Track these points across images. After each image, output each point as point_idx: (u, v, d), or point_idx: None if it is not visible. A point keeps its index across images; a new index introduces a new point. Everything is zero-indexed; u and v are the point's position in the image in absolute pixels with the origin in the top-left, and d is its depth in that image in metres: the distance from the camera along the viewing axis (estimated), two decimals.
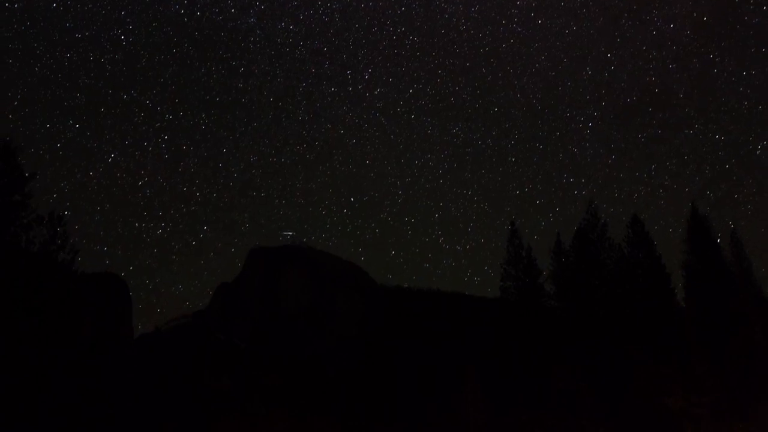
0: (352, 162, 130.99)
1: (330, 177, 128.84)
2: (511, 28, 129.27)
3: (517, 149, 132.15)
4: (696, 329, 35.37)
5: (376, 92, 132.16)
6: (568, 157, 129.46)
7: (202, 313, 54.46)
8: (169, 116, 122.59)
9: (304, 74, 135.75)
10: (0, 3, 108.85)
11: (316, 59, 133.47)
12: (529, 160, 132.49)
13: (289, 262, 52.89)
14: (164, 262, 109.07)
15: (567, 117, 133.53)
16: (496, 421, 34.67)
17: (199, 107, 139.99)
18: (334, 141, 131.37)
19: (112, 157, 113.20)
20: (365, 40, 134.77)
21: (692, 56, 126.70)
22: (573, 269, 42.13)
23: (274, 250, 54.94)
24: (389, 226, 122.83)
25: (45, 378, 25.42)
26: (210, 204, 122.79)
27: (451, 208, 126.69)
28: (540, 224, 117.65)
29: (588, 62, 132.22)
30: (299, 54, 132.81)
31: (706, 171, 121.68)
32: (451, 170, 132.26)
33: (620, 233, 44.20)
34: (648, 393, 34.19)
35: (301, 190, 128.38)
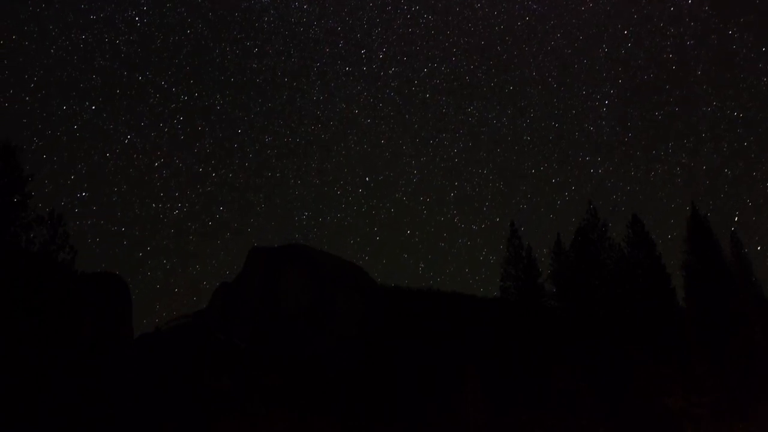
0: (367, 142, 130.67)
1: (345, 157, 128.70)
2: (527, 6, 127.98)
3: (533, 128, 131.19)
4: (696, 329, 35.36)
5: (390, 71, 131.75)
6: (584, 136, 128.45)
7: (202, 313, 54.46)
8: (184, 97, 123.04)
9: (319, 54, 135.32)
10: None
11: (331, 39, 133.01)
12: (545, 139, 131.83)
13: (289, 262, 52.85)
14: (181, 243, 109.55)
15: (583, 95, 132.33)
16: (496, 421, 34.65)
17: (214, 88, 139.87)
18: (348, 121, 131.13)
19: (128, 139, 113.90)
20: (379, 19, 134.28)
21: (710, 32, 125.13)
22: (573, 269, 42.14)
23: (274, 250, 54.91)
24: (404, 206, 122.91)
25: (45, 378, 25.42)
26: (226, 185, 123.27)
27: (466, 187, 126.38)
28: (556, 203, 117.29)
29: (604, 39, 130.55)
30: (313, 34, 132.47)
31: (724, 149, 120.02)
32: (466, 149, 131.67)
33: (620, 233, 44.26)
34: (648, 393, 34.19)
35: (316, 170, 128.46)
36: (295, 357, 44.78)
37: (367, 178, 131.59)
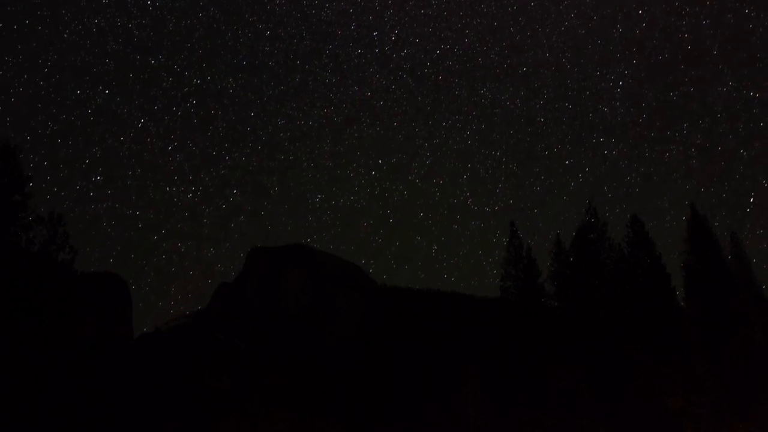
0: (380, 124, 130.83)
1: (357, 139, 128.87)
2: None
3: (546, 109, 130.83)
4: (696, 329, 35.36)
5: (402, 53, 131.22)
6: (598, 117, 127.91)
7: (202, 313, 54.48)
8: (197, 81, 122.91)
9: (331, 36, 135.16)
10: None
11: (342, 21, 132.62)
12: (559, 120, 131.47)
13: (289, 262, 52.87)
14: (196, 226, 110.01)
15: (597, 76, 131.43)
16: (496, 421, 34.65)
17: (227, 71, 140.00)
18: (361, 103, 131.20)
19: (141, 123, 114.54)
20: (391, 1, 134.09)
21: (726, 11, 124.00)
22: (573, 269, 42.11)
23: (275, 250, 54.94)
24: (417, 188, 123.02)
25: (45, 378, 25.42)
26: (239, 168, 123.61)
27: (479, 169, 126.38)
28: (569, 184, 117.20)
29: (618, 20, 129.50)
30: (325, 16, 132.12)
31: (739, 129, 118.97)
32: (479, 131, 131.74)
33: (620, 233, 44.26)
34: (648, 393, 34.19)
35: (329, 153, 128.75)
36: (295, 357, 44.78)
37: (380, 161, 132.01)
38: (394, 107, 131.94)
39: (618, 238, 43.27)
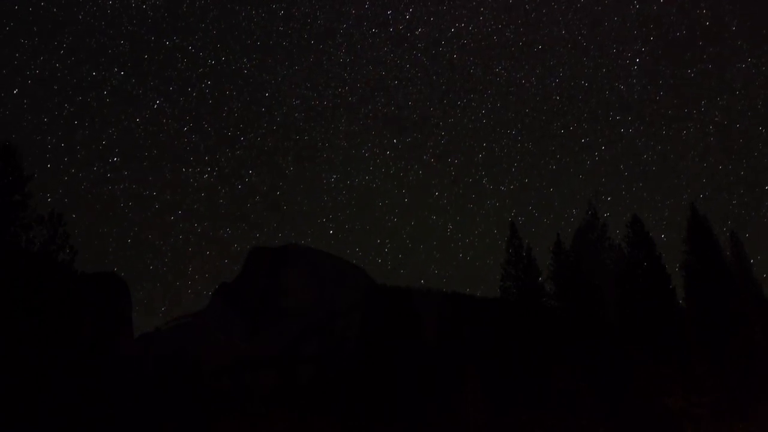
0: (394, 103, 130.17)
1: (372, 119, 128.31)
2: None
3: (562, 87, 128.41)
4: (696, 329, 35.36)
5: (417, 32, 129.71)
6: (615, 94, 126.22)
7: (202, 313, 54.51)
8: (211, 61, 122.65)
9: (345, 16, 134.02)
10: None
11: (357, 0, 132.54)
12: (574, 99, 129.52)
13: (289, 262, 52.91)
14: (212, 207, 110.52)
15: (613, 53, 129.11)
16: (496, 421, 34.65)
17: (241, 52, 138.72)
18: (375, 83, 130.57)
19: (157, 104, 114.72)
20: None
21: None
22: (573, 269, 42.13)
23: (275, 250, 54.99)
24: (432, 168, 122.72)
25: (45, 378, 25.43)
26: (254, 148, 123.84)
27: (494, 148, 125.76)
28: (585, 163, 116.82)
29: None
30: None
31: (758, 106, 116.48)
32: (494, 110, 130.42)
33: (620, 233, 44.30)
34: (648, 393, 34.19)
35: (343, 132, 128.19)
36: (295, 357, 44.81)
37: (394, 140, 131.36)
38: (409, 86, 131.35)
39: (618, 237, 43.37)
